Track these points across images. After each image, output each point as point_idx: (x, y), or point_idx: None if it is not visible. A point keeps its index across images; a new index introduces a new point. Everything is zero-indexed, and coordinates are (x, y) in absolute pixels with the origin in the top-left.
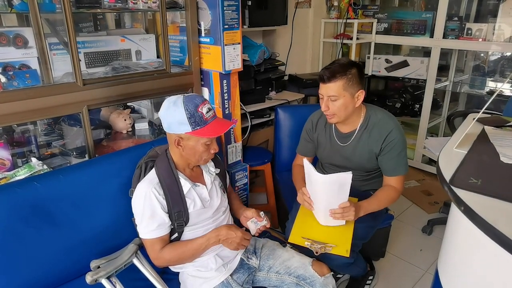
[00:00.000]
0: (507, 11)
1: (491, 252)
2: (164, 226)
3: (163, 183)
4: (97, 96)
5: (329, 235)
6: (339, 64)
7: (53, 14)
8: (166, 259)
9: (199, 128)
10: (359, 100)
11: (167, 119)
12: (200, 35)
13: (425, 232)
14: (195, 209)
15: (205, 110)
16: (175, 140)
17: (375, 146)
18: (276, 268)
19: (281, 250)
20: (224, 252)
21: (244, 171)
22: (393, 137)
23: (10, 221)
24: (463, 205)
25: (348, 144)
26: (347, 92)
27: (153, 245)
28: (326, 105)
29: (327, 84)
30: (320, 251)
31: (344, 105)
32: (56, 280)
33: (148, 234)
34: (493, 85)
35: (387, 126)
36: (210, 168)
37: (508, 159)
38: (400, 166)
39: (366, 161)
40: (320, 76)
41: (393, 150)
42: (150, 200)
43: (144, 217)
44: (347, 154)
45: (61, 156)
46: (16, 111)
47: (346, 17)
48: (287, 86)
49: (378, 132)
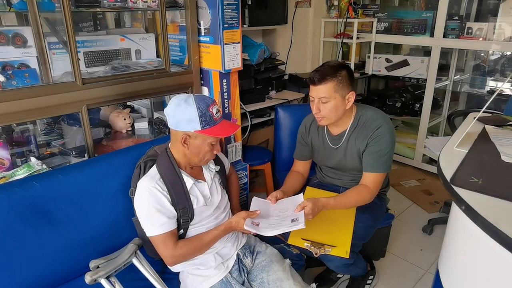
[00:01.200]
0: (507, 11)
1: (492, 252)
2: (174, 219)
3: (166, 179)
4: (97, 95)
5: (329, 236)
6: (329, 66)
7: (52, 13)
8: (182, 253)
9: (208, 128)
10: (349, 102)
11: (177, 116)
12: (200, 34)
13: (426, 232)
14: (198, 206)
15: (215, 110)
16: (182, 137)
17: (362, 144)
18: (268, 284)
19: (278, 266)
20: (224, 250)
21: (244, 170)
22: (379, 133)
23: (9, 220)
24: (464, 204)
25: (339, 146)
26: (338, 94)
27: (165, 241)
28: (317, 108)
29: (317, 86)
30: (319, 252)
31: (335, 107)
32: (55, 280)
33: (157, 230)
34: (494, 84)
35: (375, 123)
36: (210, 165)
37: (509, 158)
38: (378, 163)
39: (358, 162)
40: (311, 78)
41: (375, 146)
42: (155, 194)
43: (150, 212)
44: (339, 156)
45: (60, 155)
46: (15, 111)
47: (346, 16)
48: (287, 86)
49: (365, 130)
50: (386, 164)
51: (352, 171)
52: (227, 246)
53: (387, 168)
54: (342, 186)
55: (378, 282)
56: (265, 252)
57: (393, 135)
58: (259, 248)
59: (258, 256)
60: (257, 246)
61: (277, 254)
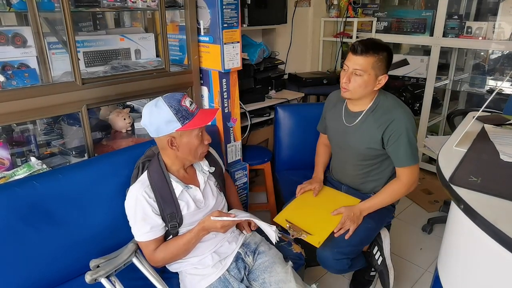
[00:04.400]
0: (507, 10)
1: (491, 251)
2: (157, 228)
3: (154, 186)
4: (96, 95)
5: (311, 224)
6: (374, 42)
7: (52, 13)
8: (160, 258)
9: (188, 122)
10: (379, 84)
11: (154, 123)
12: (200, 34)
13: (425, 231)
14: (188, 211)
15: (188, 103)
16: (168, 141)
17: (378, 132)
18: (270, 285)
19: (280, 268)
20: (221, 248)
21: (244, 170)
22: (398, 126)
23: (9, 220)
24: (463, 204)
25: (353, 125)
26: (373, 71)
27: (147, 246)
28: (347, 78)
29: (357, 56)
30: (295, 235)
31: (364, 83)
32: (55, 279)
33: (141, 237)
34: (493, 83)
35: (393, 113)
36: (204, 167)
37: (508, 157)
38: (404, 157)
39: (366, 145)
40: (353, 46)
41: (399, 140)
42: (141, 203)
43: (136, 220)
44: (349, 134)
45: (60, 155)
46: (15, 111)
47: (346, 15)
48: (287, 85)
49: (382, 117)
50: (412, 155)
51: (352, 155)
52: (224, 245)
53: (414, 158)
54: (344, 184)
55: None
56: (268, 253)
57: (413, 123)
58: (262, 248)
59: (260, 256)
60: (260, 246)
61: (280, 255)
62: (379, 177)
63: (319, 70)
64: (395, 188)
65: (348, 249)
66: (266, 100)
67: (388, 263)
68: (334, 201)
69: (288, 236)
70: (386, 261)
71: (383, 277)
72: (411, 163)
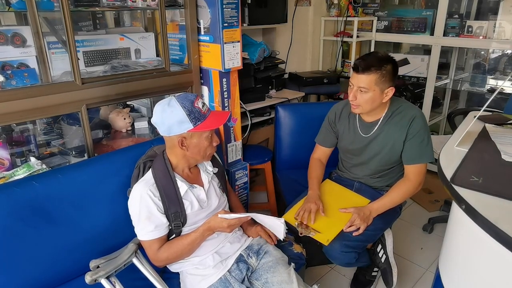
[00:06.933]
0: (507, 9)
1: (492, 250)
2: (162, 227)
3: (159, 184)
4: (96, 95)
5: (321, 223)
6: (376, 57)
7: (51, 12)
8: (164, 258)
9: (200, 123)
10: (387, 96)
11: (166, 122)
12: (200, 33)
13: (426, 231)
14: (192, 211)
15: (201, 104)
16: (179, 141)
17: (401, 132)
18: (272, 285)
19: (283, 268)
20: (222, 249)
21: (244, 169)
22: (418, 122)
23: (9, 220)
24: (464, 204)
25: (371, 134)
26: (378, 87)
27: (151, 246)
28: (354, 95)
29: (359, 74)
30: (304, 233)
31: (371, 99)
32: (55, 280)
33: (145, 236)
34: (494, 83)
35: (411, 113)
36: (208, 167)
37: (510, 157)
38: (418, 153)
39: (387, 151)
40: (355, 65)
41: (416, 137)
42: (146, 201)
43: (140, 218)
44: (368, 143)
45: (60, 155)
46: (14, 110)
47: (346, 15)
48: (287, 85)
49: (404, 119)
50: (427, 152)
51: (371, 161)
52: (225, 246)
53: (431, 156)
54: (357, 180)
55: (378, 282)
56: (272, 253)
57: (426, 122)
58: (267, 248)
59: (265, 256)
60: (264, 246)
61: (284, 257)
62: (394, 175)
63: (320, 69)
64: (404, 187)
65: (355, 243)
66: (266, 99)
67: (391, 261)
68: (343, 200)
69: (289, 236)
70: (389, 259)
71: (386, 275)
72: (422, 161)
